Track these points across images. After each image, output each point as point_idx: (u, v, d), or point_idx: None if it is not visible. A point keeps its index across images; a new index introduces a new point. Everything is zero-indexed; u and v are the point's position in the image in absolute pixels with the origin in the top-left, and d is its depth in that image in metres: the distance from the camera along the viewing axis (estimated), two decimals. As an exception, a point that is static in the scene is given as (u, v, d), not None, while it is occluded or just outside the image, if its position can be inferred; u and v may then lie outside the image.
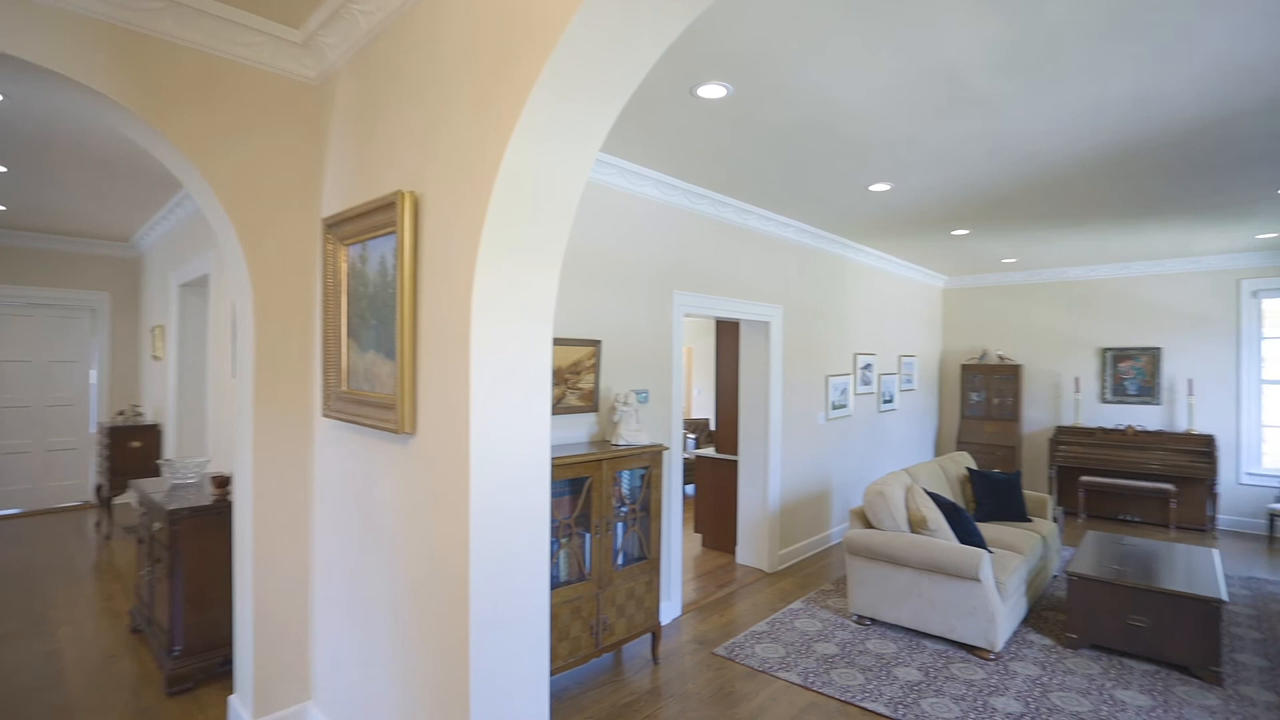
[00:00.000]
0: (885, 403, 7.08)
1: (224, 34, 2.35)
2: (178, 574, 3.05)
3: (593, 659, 3.24)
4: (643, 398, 4.05)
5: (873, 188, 4.26)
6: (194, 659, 3.09)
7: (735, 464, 5.54)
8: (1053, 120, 3.08)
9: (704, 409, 9.59)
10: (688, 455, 7.44)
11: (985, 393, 7.97)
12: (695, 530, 5.93)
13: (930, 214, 5.00)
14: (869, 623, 4.09)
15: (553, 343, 3.14)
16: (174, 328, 5.69)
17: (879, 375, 6.94)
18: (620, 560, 3.44)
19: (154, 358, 6.45)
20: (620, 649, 3.69)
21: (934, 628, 3.75)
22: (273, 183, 2.54)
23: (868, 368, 6.67)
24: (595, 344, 3.64)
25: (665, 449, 3.69)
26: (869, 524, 4.14)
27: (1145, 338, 7.20)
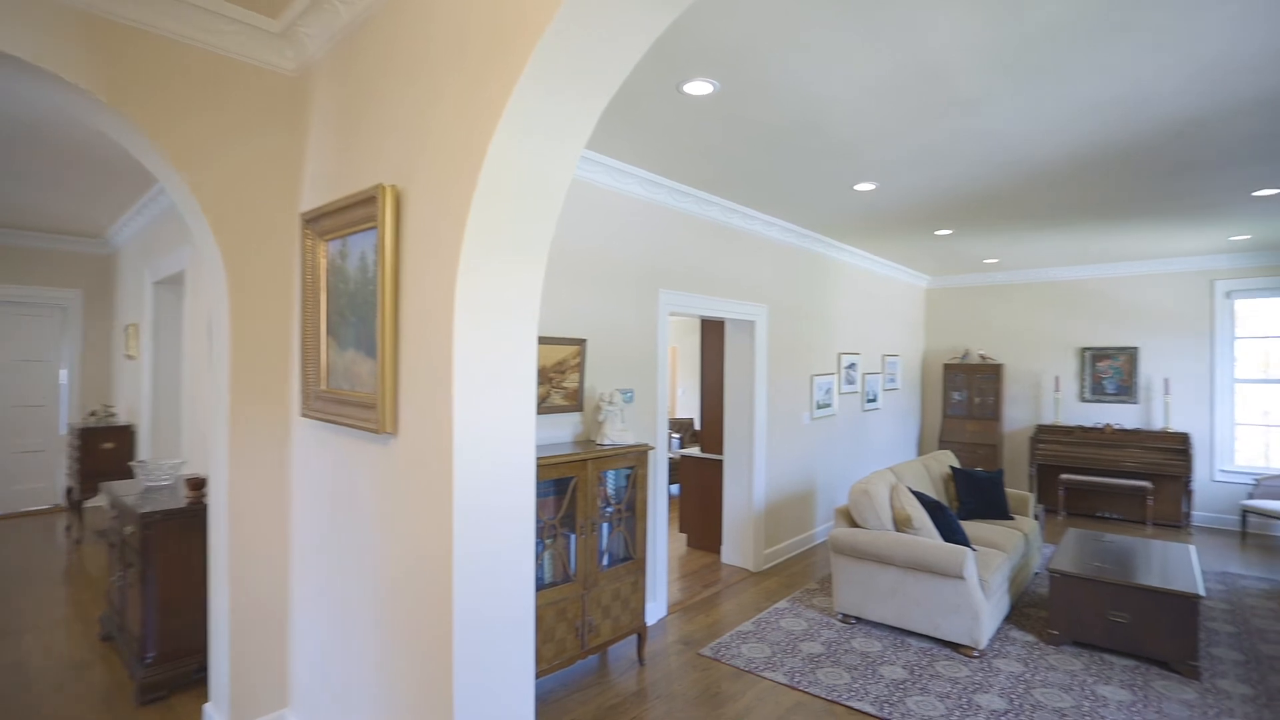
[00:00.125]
0: (869, 402, 7.11)
1: (197, 21, 2.28)
2: (150, 579, 2.97)
3: (578, 661, 3.20)
4: (628, 397, 4.02)
5: (858, 187, 4.27)
6: (167, 667, 3.01)
7: (720, 463, 5.53)
8: (1035, 120, 3.10)
9: (689, 409, 9.59)
10: (673, 455, 7.43)
11: (967, 392, 8.05)
12: (680, 530, 5.92)
13: (914, 214, 5.03)
14: (854, 621, 4.10)
15: (537, 341, 3.10)
16: (148, 326, 5.55)
17: (863, 375, 6.98)
18: (606, 561, 3.41)
19: (127, 357, 6.30)
20: (606, 650, 3.66)
21: (919, 626, 3.77)
22: (249, 176, 2.47)
23: (852, 367, 6.70)
24: (580, 343, 3.61)
25: (651, 449, 3.66)
26: (854, 523, 4.15)
27: (1123, 337, 7.32)
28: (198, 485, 3.19)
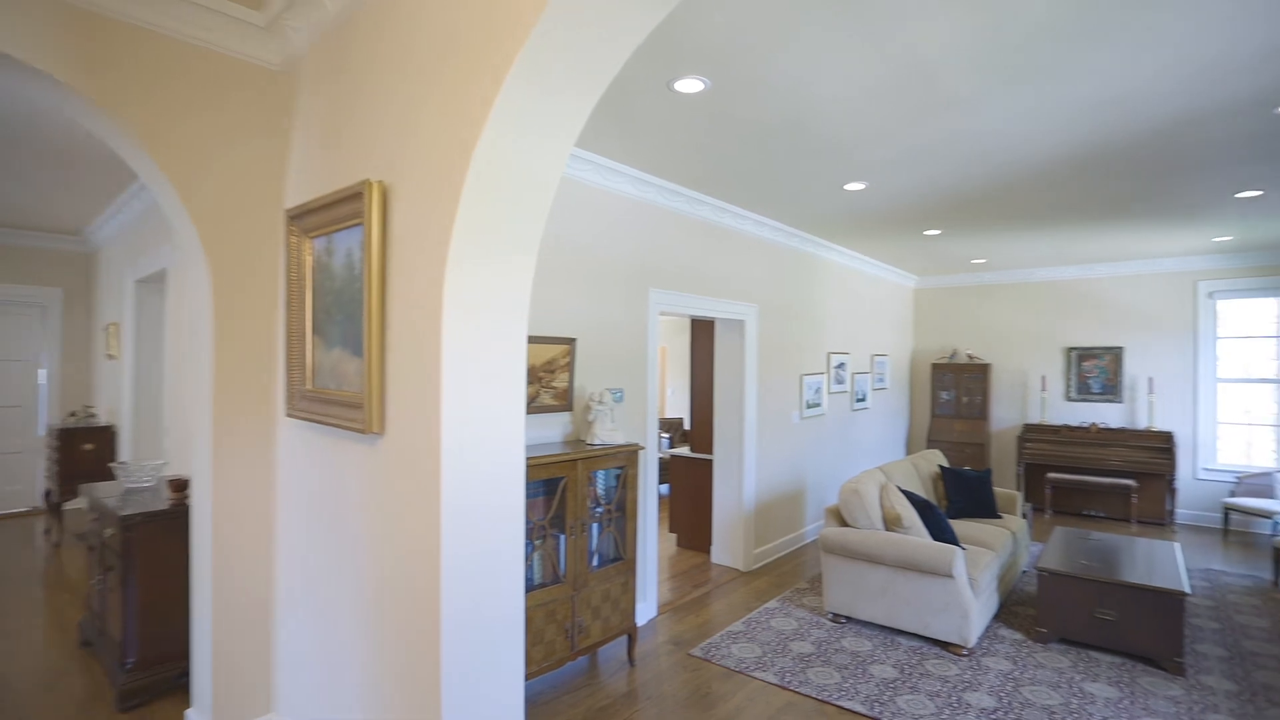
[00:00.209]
0: (858, 401, 7.14)
1: (180, 14, 2.23)
2: (131, 582, 2.91)
3: (568, 663, 3.18)
4: (618, 397, 4.00)
5: (848, 187, 4.28)
6: (148, 672, 2.95)
7: (710, 463, 5.52)
8: (1024, 121, 3.12)
9: (678, 408, 9.58)
10: (662, 455, 7.41)
11: (955, 391, 8.10)
12: (670, 530, 5.90)
13: (903, 214, 5.04)
14: (844, 621, 4.10)
15: (527, 340, 3.07)
16: (130, 325, 5.46)
17: (852, 374, 7.00)
18: (595, 562, 3.39)
19: (108, 357, 6.19)
20: (596, 652, 3.64)
21: (909, 625, 3.78)
22: (233, 172, 2.42)
23: (841, 367, 6.72)
24: (570, 342, 3.58)
25: (641, 448, 3.64)
26: (844, 522, 4.15)
27: (1108, 337, 7.39)
28: (180, 487, 3.13)
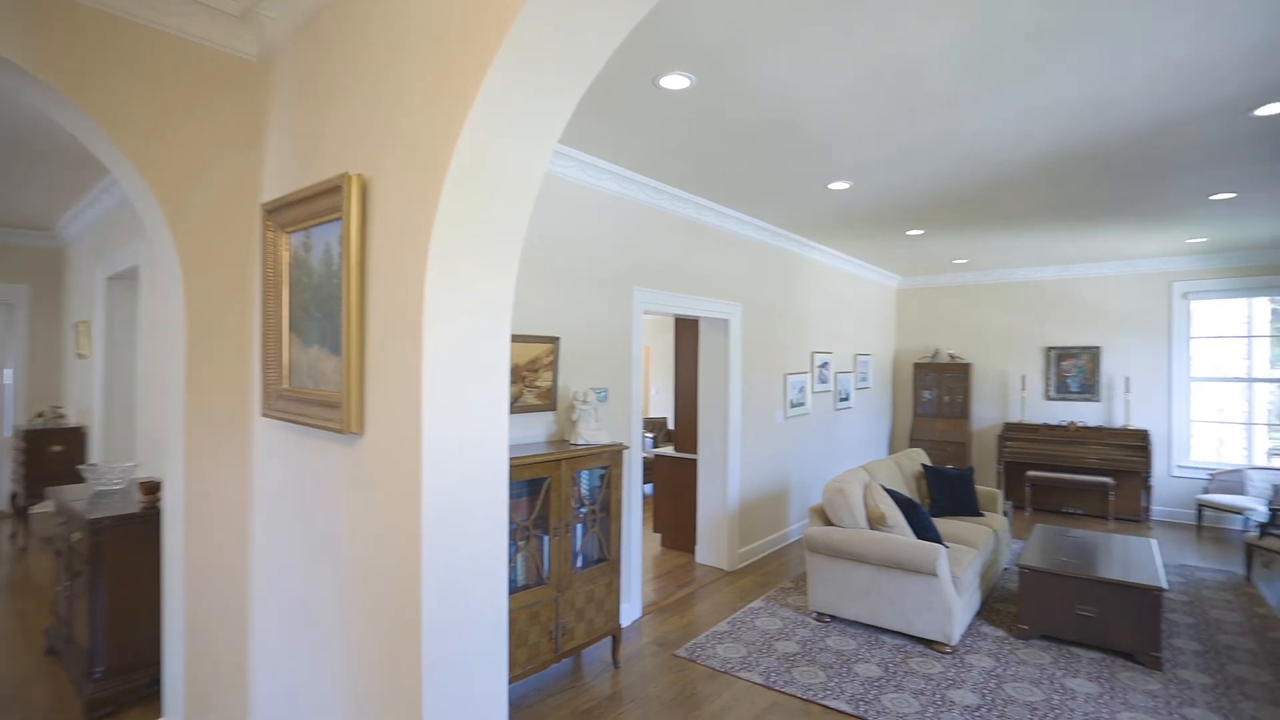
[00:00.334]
0: (841, 401, 7.17)
1: (150, 1, 2.16)
2: (99, 588, 2.82)
3: (552, 665, 3.14)
4: (602, 396, 3.97)
5: (832, 186, 4.29)
6: (117, 680, 2.86)
7: (694, 463, 5.50)
8: (1007, 121, 3.14)
9: (662, 408, 9.56)
10: (646, 454, 7.39)
11: (937, 391, 8.17)
12: (654, 530, 5.88)
13: (887, 214, 5.07)
14: (829, 620, 4.10)
15: (510, 339, 3.03)
16: (101, 323, 5.31)
17: (835, 374, 7.03)
18: (580, 563, 3.35)
19: (78, 356, 6.02)
20: (580, 653, 3.60)
21: (893, 623, 3.79)
22: (207, 166, 2.35)
23: (825, 366, 6.75)
24: (554, 341, 3.54)
25: (625, 448, 3.61)
26: (828, 521, 4.16)
27: (1086, 337, 7.50)
28: (152, 489, 3.05)
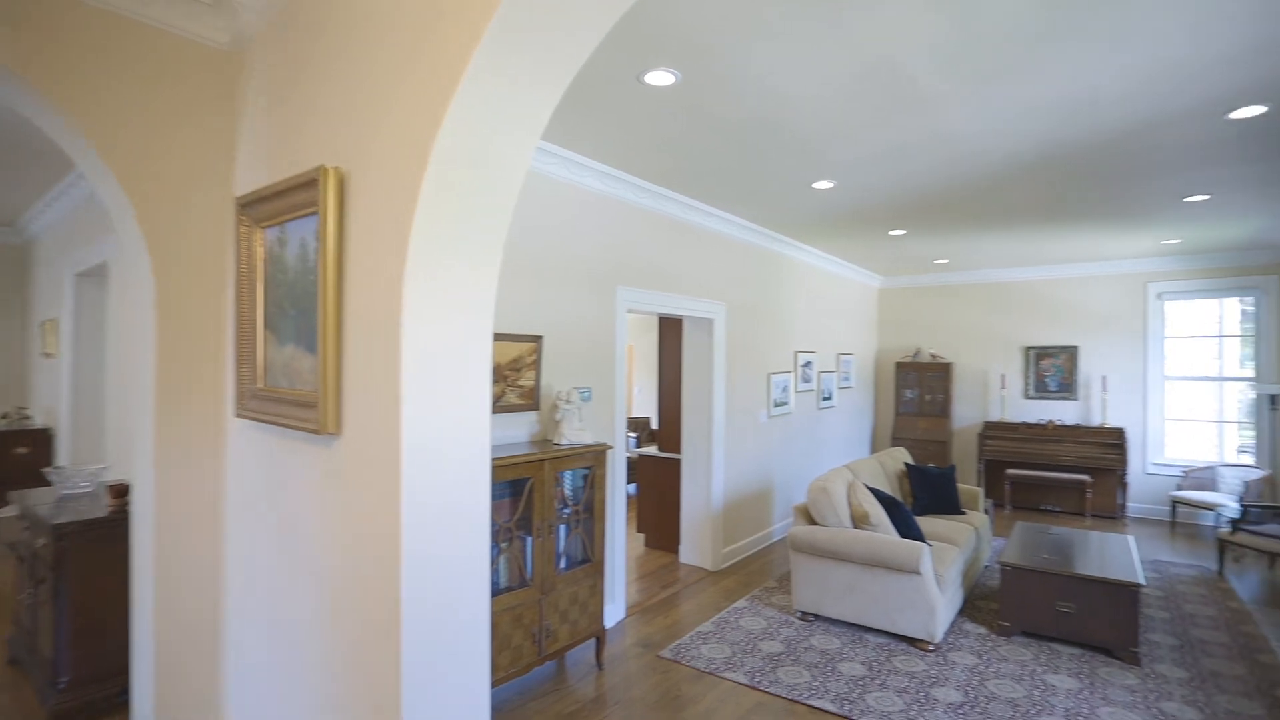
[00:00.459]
0: (825, 400, 7.20)
1: (116, -13, 2.08)
2: (64, 596, 2.72)
3: (535, 668, 3.10)
4: (585, 396, 3.93)
5: (816, 185, 4.29)
6: (83, 691, 2.77)
7: (678, 462, 5.48)
8: (990, 121, 3.15)
9: (646, 407, 9.54)
10: (630, 454, 7.35)
11: (918, 390, 8.24)
12: (638, 530, 5.85)
13: (870, 213, 5.09)
14: (813, 619, 4.11)
15: (492, 338, 2.98)
16: (69, 322, 5.16)
17: (819, 373, 7.06)
18: (563, 564, 3.32)
19: (45, 355, 5.84)
20: (564, 656, 3.56)
21: (876, 621, 3.80)
22: (178, 158, 2.28)
23: (808, 365, 6.77)
24: (537, 340, 3.50)
25: (609, 448, 3.58)
26: (812, 520, 4.16)
27: (1064, 337, 7.61)
28: (121, 493, 2.95)
